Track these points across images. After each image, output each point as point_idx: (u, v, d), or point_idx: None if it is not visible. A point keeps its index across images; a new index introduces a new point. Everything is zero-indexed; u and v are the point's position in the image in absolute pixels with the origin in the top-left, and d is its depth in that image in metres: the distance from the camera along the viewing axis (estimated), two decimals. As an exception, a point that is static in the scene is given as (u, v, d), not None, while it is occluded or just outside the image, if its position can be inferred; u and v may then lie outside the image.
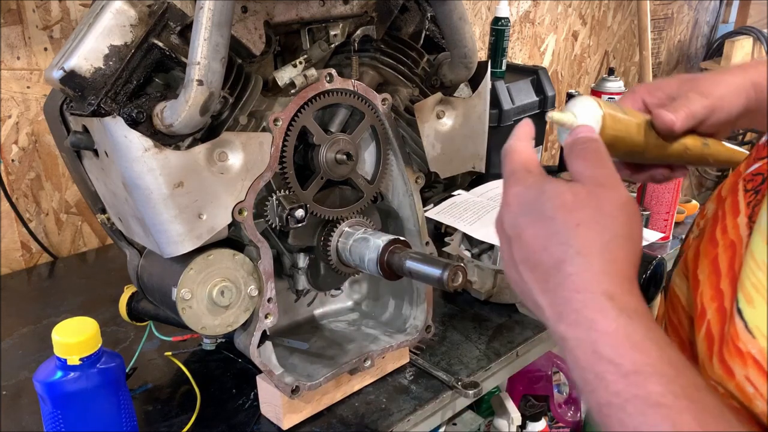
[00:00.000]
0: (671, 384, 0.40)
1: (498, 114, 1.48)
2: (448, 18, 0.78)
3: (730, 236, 0.47)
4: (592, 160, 0.50)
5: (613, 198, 0.47)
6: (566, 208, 0.47)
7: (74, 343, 0.67)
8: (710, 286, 0.46)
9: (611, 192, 0.47)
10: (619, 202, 0.47)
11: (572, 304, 0.44)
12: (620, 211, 0.46)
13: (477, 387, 0.90)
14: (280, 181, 0.75)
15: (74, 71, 0.63)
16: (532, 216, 0.48)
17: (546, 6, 2.10)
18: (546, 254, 0.47)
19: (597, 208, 0.46)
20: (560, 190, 0.48)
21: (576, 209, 0.46)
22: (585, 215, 0.46)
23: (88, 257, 1.32)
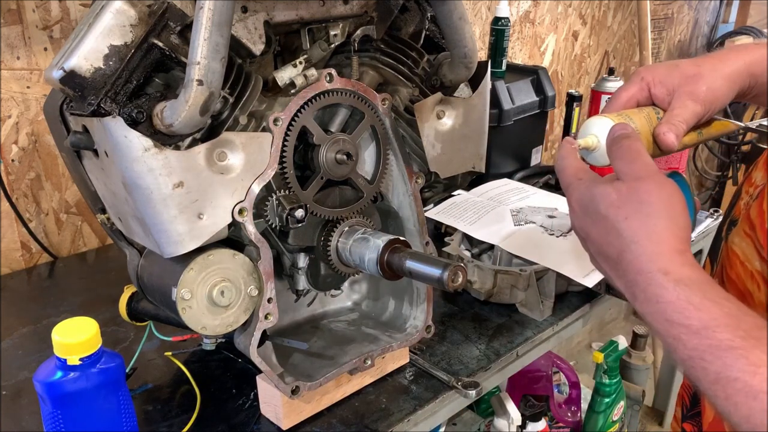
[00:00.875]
0: (737, 330, 0.47)
1: (498, 114, 1.48)
2: (448, 18, 0.78)
3: None
4: (627, 157, 0.58)
5: (650, 187, 0.55)
6: (614, 206, 0.56)
7: (74, 343, 0.67)
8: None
9: (647, 182, 0.55)
10: (656, 189, 0.55)
11: (639, 285, 0.53)
12: (658, 197, 0.54)
13: (477, 387, 0.90)
14: (280, 181, 0.75)
15: (74, 71, 0.63)
16: (591, 217, 0.58)
17: (546, 6, 2.10)
18: (609, 247, 0.56)
19: (638, 200, 0.55)
20: (607, 191, 0.56)
21: (622, 205, 0.55)
22: (630, 209, 0.55)
23: (88, 257, 1.32)
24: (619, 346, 1.65)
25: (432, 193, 0.94)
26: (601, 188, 0.57)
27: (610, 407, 1.66)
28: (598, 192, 0.57)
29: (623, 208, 0.55)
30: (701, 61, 0.68)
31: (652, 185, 0.55)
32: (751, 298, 0.61)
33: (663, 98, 0.69)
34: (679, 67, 0.68)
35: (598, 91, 1.57)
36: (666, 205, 0.55)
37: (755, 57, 0.67)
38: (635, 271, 0.53)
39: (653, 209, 0.54)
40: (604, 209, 0.56)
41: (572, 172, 0.62)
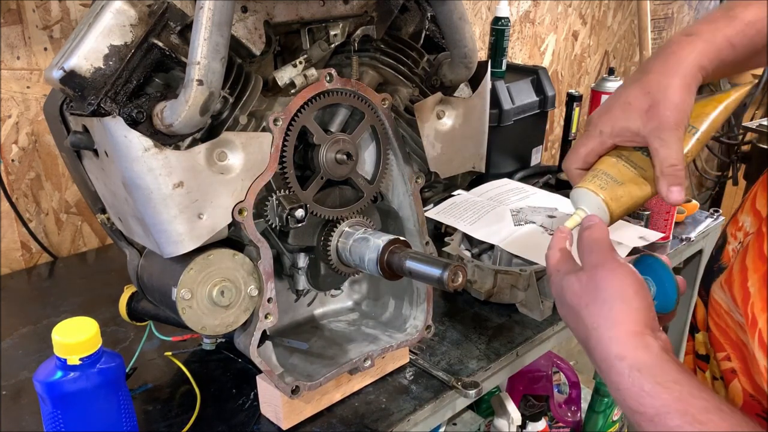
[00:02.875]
0: (685, 415, 0.50)
1: (498, 114, 1.48)
2: (448, 18, 0.78)
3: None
4: (587, 248, 0.62)
5: (605, 274, 0.58)
6: (577, 295, 0.59)
7: (74, 343, 0.67)
8: (761, 299, 0.53)
9: (602, 270, 0.59)
10: (610, 275, 0.58)
11: (603, 371, 0.56)
12: (611, 283, 0.58)
13: (477, 387, 0.90)
14: (280, 181, 0.75)
15: (74, 71, 0.63)
16: (563, 306, 0.62)
17: (546, 6, 2.10)
18: (580, 334, 0.60)
19: (595, 288, 0.58)
20: (572, 282, 0.61)
21: (583, 294, 0.59)
22: (589, 297, 0.58)
23: (88, 257, 1.32)
24: (619, 346, 1.65)
25: (432, 193, 0.94)
26: (567, 279, 0.61)
27: (610, 407, 1.66)
28: (566, 283, 0.61)
29: (584, 297, 0.59)
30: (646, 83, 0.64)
31: (606, 272, 0.58)
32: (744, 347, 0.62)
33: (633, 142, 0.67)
34: (632, 105, 0.65)
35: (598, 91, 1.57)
36: (619, 289, 0.57)
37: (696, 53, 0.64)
38: (599, 358, 0.57)
39: (608, 294, 0.57)
40: (569, 299, 0.60)
41: (553, 264, 0.65)
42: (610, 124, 0.66)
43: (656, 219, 1.29)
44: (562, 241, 0.67)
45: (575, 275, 0.61)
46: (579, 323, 0.59)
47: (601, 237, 0.62)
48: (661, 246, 1.31)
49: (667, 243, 1.32)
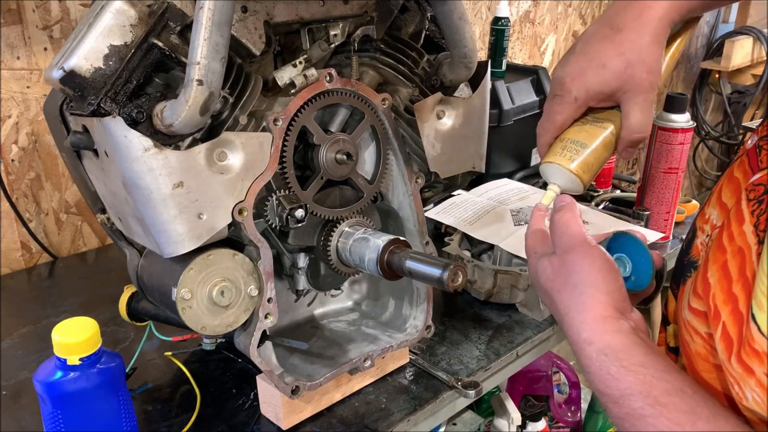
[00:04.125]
0: (647, 397, 0.51)
1: (498, 114, 1.47)
2: (448, 18, 0.78)
3: (738, 243, 0.53)
4: (557, 230, 0.62)
5: (575, 258, 0.59)
6: (550, 279, 0.61)
7: (74, 343, 0.67)
8: (722, 290, 0.53)
9: (572, 253, 0.60)
10: (580, 258, 0.59)
11: (575, 354, 0.58)
12: (581, 267, 0.58)
13: (477, 387, 0.90)
14: (280, 181, 0.75)
15: (74, 71, 0.63)
16: (538, 289, 0.64)
17: (546, 6, 2.10)
18: (555, 316, 0.61)
19: (566, 272, 0.59)
20: (544, 266, 0.62)
21: (555, 278, 0.60)
22: (560, 281, 0.60)
23: (88, 257, 1.32)
24: (619, 346, 1.65)
25: (432, 193, 0.94)
26: (541, 263, 0.62)
27: (610, 407, 1.66)
28: (540, 267, 0.62)
29: (556, 281, 0.60)
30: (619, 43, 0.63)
31: (577, 256, 0.59)
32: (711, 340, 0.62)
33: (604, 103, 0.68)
34: (606, 68, 0.64)
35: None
36: (588, 274, 0.58)
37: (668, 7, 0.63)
38: (571, 342, 0.58)
39: (578, 279, 0.58)
40: (543, 283, 0.62)
41: (530, 245, 0.66)
42: (585, 89, 0.66)
43: (656, 219, 1.29)
44: (540, 220, 0.67)
45: (548, 259, 0.62)
46: (553, 307, 0.61)
47: (570, 219, 0.62)
48: (661, 246, 1.31)
49: (667, 243, 1.32)
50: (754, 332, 0.47)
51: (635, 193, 1.39)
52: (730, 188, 0.62)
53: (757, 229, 0.52)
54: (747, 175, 0.59)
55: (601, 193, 1.49)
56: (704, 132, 3.02)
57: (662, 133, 1.25)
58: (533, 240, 0.66)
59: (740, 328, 0.49)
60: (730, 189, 0.62)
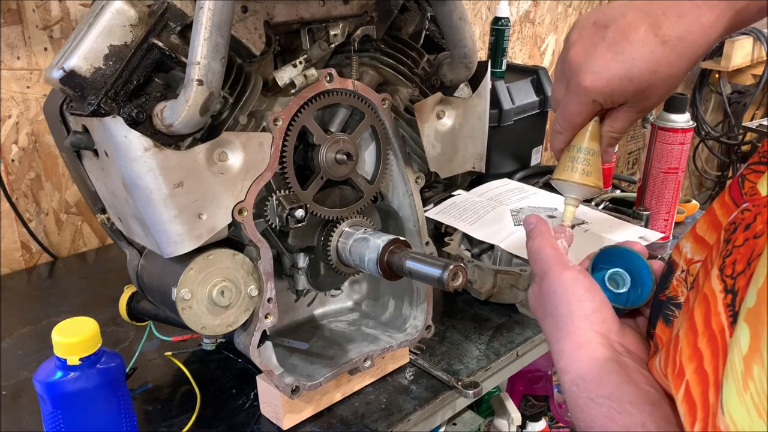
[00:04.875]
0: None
1: (498, 114, 1.48)
2: (448, 18, 0.78)
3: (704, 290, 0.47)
4: (532, 259, 0.61)
5: (550, 285, 0.58)
6: (535, 308, 0.61)
7: (74, 343, 0.67)
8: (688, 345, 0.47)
9: (547, 279, 0.58)
10: (554, 284, 0.57)
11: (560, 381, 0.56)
12: (556, 292, 0.57)
13: (477, 387, 0.90)
14: (280, 181, 0.75)
15: (74, 71, 0.63)
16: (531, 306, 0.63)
17: (546, 6, 2.10)
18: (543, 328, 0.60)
19: (545, 300, 0.58)
20: (531, 293, 0.62)
21: (538, 305, 0.60)
22: (542, 310, 0.59)
23: (88, 257, 1.32)
24: (619, 346, 1.65)
25: (432, 193, 0.94)
26: (531, 290, 0.62)
27: (610, 407, 1.66)
28: (530, 294, 0.62)
29: (539, 309, 0.60)
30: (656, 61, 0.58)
31: (551, 282, 0.57)
32: None
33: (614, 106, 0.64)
34: (633, 82, 0.59)
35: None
36: (563, 298, 0.56)
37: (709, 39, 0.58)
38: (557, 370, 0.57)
39: (553, 306, 0.57)
40: (533, 309, 0.62)
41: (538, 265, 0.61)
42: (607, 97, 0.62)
43: (656, 219, 1.29)
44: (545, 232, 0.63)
45: (533, 286, 0.62)
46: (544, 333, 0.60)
47: (542, 243, 0.60)
48: (661, 246, 1.31)
49: (667, 243, 1.32)
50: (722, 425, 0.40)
51: (635, 193, 1.39)
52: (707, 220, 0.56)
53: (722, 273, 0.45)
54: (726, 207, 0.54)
55: (602, 193, 1.49)
56: (704, 132, 3.02)
57: (662, 133, 1.25)
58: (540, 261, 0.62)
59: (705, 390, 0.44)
60: (707, 221, 0.56)
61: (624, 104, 0.63)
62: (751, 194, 0.49)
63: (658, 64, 0.58)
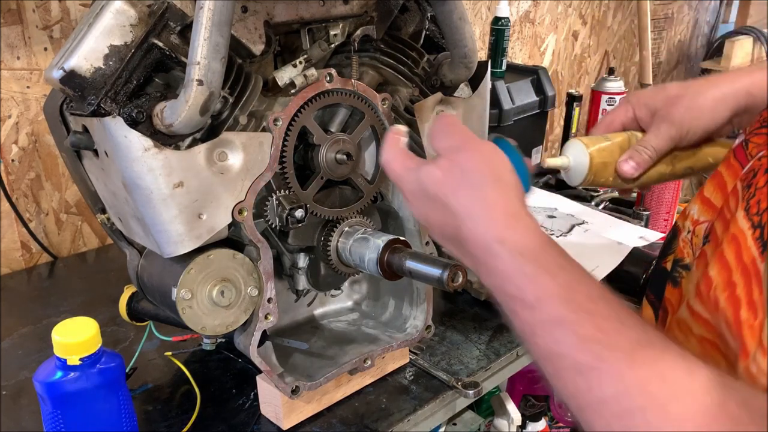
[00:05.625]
0: (569, 303, 0.46)
1: (498, 114, 1.48)
2: (448, 18, 0.78)
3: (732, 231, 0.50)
4: (443, 133, 0.57)
5: (469, 155, 0.54)
6: (440, 183, 0.54)
7: (74, 343, 0.67)
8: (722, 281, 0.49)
9: (465, 151, 0.54)
10: (475, 155, 0.54)
11: (479, 258, 0.52)
12: (478, 162, 0.54)
13: (477, 387, 0.90)
14: (280, 181, 0.75)
15: (74, 71, 0.63)
16: (424, 202, 0.56)
17: (546, 6, 2.10)
18: (447, 228, 0.55)
19: (461, 172, 0.53)
20: (431, 171, 0.55)
21: (447, 181, 0.54)
22: (455, 182, 0.53)
23: (88, 257, 1.32)
24: (619, 346, 1.65)
25: (432, 193, 0.94)
26: (425, 170, 0.56)
27: (610, 407, 1.66)
28: (423, 174, 0.56)
29: (449, 184, 0.54)
30: (692, 82, 0.68)
31: (471, 152, 0.54)
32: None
33: (647, 120, 0.71)
34: (665, 89, 0.67)
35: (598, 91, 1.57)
36: (489, 168, 0.54)
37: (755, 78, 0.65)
38: (474, 245, 0.52)
39: (477, 176, 0.53)
40: (433, 189, 0.55)
41: (400, 163, 0.59)
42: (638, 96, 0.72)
43: (656, 219, 1.29)
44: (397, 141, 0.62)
45: (433, 164, 0.56)
46: (446, 214, 0.54)
47: (456, 122, 0.59)
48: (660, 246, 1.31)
49: (667, 243, 1.31)
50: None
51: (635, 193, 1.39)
52: (713, 183, 0.60)
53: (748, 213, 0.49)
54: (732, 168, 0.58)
55: (601, 193, 1.49)
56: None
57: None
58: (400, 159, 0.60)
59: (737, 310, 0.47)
60: (713, 184, 0.61)
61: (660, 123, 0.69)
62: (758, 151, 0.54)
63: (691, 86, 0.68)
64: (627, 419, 0.42)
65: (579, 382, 0.45)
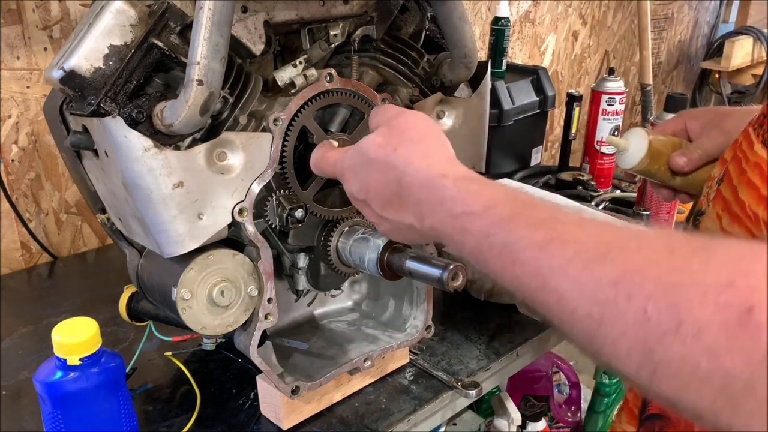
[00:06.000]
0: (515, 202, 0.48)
1: (498, 114, 1.48)
2: (448, 18, 0.78)
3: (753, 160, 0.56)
4: (378, 110, 0.63)
5: (406, 119, 0.60)
6: (381, 145, 0.58)
7: (74, 343, 0.67)
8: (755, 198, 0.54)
9: (401, 116, 0.60)
10: (411, 117, 0.60)
11: (422, 198, 0.54)
12: (415, 123, 0.59)
13: (477, 387, 0.90)
14: (280, 181, 0.75)
15: (74, 71, 0.63)
16: (365, 170, 0.59)
17: (546, 6, 2.10)
18: (388, 186, 0.57)
19: (400, 132, 0.58)
20: (371, 139, 0.59)
21: (387, 141, 0.58)
22: (395, 141, 0.57)
23: (88, 257, 1.32)
24: (619, 346, 1.65)
25: (432, 193, 0.94)
26: (365, 140, 0.60)
27: (610, 407, 1.66)
28: (365, 143, 0.59)
29: (389, 143, 0.57)
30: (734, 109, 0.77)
31: (407, 116, 0.60)
32: None
33: (696, 131, 0.79)
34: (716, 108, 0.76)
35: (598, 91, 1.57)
36: (425, 126, 0.59)
37: None
38: (417, 187, 0.54)
39: (414, 133, 0.58)
40: (374, 153, 0.58)
41: (335, 151, 0.65)
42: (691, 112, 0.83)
43: (656, 219, 1.29)
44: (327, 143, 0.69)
45: (372, 135, 0.60)
46: (387, 170, 0.57)
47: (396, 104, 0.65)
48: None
49: (667, 243, 1.31)
50: None
51: (635, 193, 1.39)
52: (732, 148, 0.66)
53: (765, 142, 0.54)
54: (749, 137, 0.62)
55: (602, 193, 1.49)
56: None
57: (662, 133, 1.25)
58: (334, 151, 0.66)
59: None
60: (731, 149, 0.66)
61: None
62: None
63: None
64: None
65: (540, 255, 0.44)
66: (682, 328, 0.34)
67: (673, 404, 0.37)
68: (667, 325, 0.34)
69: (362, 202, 0.62)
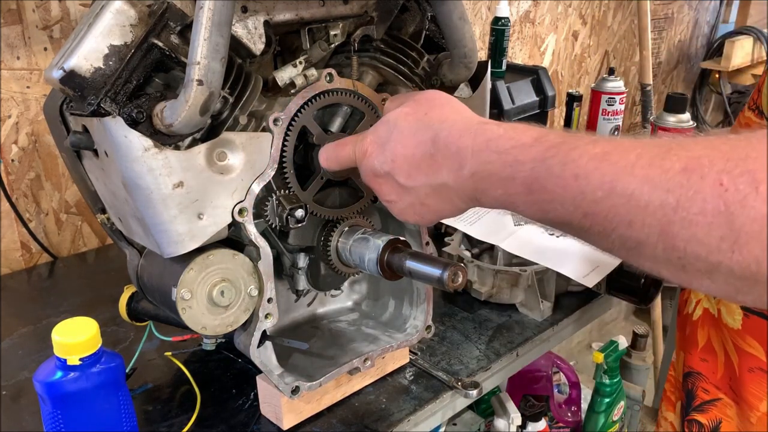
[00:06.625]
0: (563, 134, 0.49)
1: (498, 114, 1.48)
2: (448, 18, 0.78)
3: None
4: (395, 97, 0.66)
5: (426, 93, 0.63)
6: (409, 113, 0.59)
7: (74, 343, 0.67)
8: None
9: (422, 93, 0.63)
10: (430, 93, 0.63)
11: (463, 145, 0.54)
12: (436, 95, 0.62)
13: (477, 387, 0.90)
14: (280, 181, 0.75)
15: (74, 71, 0.63)
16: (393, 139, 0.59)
17: (546, 6, 2.10)
18: (421, 146, 0.57)
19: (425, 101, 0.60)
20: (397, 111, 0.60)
21: (415, 110, 0.59)
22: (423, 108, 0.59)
23: (88, 257, 1.32)
24: (620, 346, 1.65)
25: (432, 193, 0.94)
26: (390, 114, 0.61)
27: (610, 407, 1.66)
28: (390, 116, 0.61)
29: (419, 110, 0.59)
30: None
31: (428, 92, 0.62)
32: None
33: None
34: None
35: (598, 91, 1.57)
36: (447, 97, 0.61)
37: None
38: (456, 137, 0.54)
39: (441, 101, 0.60)
40: (403, 120, 0.59)
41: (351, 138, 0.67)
42: None
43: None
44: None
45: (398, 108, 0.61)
46: (419, 133, 0.57)
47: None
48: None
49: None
50: None
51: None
52: None
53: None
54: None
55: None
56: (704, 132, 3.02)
57: (662, 133, 1.25)
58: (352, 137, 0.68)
59: None
60: None
61: None
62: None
63: None
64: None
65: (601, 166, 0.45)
66: (760, 188, 0.36)
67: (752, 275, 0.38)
68: (745, 190, 0.37)
69: (385, 176, 0.61)
